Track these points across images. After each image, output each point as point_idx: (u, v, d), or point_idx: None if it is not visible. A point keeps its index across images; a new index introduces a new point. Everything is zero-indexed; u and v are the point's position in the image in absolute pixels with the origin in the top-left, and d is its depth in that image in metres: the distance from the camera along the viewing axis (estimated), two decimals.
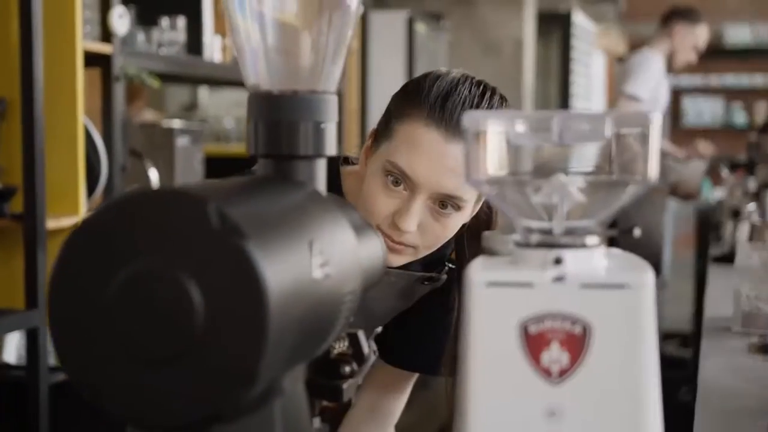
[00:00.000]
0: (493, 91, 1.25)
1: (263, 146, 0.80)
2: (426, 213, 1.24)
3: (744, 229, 2.88)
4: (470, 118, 0.70)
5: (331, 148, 0.81)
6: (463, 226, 1.30)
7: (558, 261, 0.68)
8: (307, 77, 0.82)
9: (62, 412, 2.40)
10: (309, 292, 0.66)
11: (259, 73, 0.81)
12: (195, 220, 0.60)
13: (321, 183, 0.81)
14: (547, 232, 0.70)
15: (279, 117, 0.79)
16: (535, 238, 0.70)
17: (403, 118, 1.24)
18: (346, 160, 1.42)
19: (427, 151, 1.20)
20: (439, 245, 1.28)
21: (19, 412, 2.33)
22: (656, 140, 0.68)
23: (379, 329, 1.49)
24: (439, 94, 1.22)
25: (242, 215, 0.61)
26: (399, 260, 1.27)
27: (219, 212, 0.60)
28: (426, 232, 1.25)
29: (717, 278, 2.65)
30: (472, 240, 1.34)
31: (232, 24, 0.82)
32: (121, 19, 2.56)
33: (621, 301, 0.66)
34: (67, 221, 2.39)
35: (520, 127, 0.70)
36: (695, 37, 4.45)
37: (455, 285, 1.39)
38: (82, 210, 2.44)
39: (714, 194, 7.46)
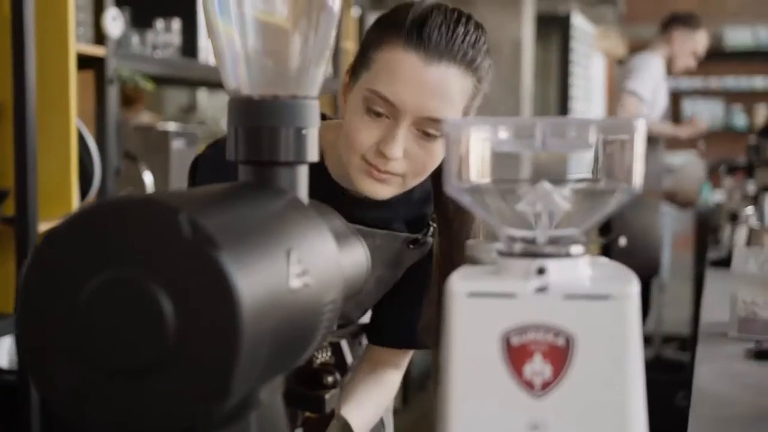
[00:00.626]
0: (469, 17, 1.26)
1: (243, 152, 0.79)
2: (411, 139, 1.23)
3: (742, 233, 2.86)
4: (451, 124, 0.68)
5: (313, 154, 0.80)
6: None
7: (541, 271, 0.67)
8: (288, 82, 0.80)
9: (54, 416, 2.38)
10: (285, 302, 0.64)
11: (239, 78, 0.80)
12: (167, 229, 0.58)
13: (303, 190, 0.79)
14: (531, 241, 0.69)
15: (259, 122, 0.78)
16: (518, 247, 0.69)
17: (381, 46, 1.23)
18: (323, 117, 1.42)
19: (407, 76, 1.20)
20: (426, 174, 1.27)
21: (11, 417, 2.31)
22: (641, 147, 0.66)
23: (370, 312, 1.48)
24: (416, 18, 1.22)
25: (216, 224, 0.60)
26: (387, 191, 1.26)
27: (191, 221, 0.59)
28: (412, 159, 1.23)
29: (714, 282, 2.64)
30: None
31: (212, 27, 0.80)
32: (114, 22, 2.54)
33: (605, 313, 0.65)
34: None
35: (503, 134, 0.68)
36: (694, 43, 4.44)
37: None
38: None
39: (713, 197, 7.44)
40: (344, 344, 1.52)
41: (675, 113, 10.01)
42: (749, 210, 3.01)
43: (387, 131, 1.22)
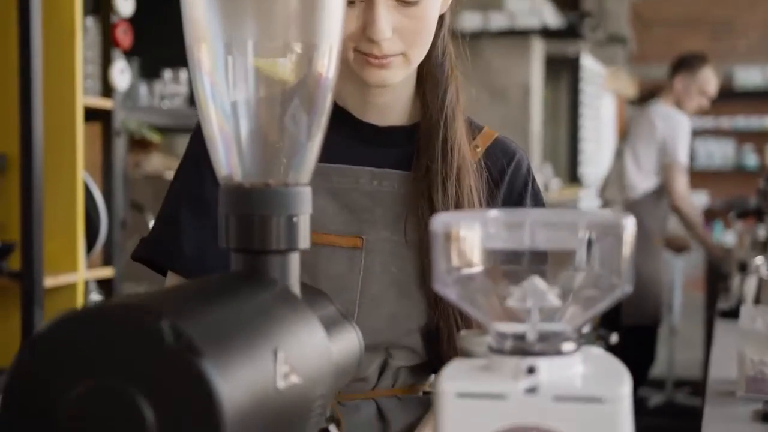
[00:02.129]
0: None
1: (234, 240, 0.78)
2: (394, 13, 1.14)
3: (751, 284, 2.84)
4: (439, 220, 0.68)
5: (305, 241, 0.80)
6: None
7: (531, 370, 0.66)
8: (280, 169, 0.80)
9: None
10: (272, 404, 0.63)
11: (231, 165, 0.80)
12: (149, 336, 0.58)
13: (294, 277, 0.79)
14: (521, 337, 0.68)
15: (251, 211, 0.77)
16: (508, 344, 0.68)
17: None
18: None
19: None
20: (425, 42, 1.18)
21: None
22: (630, 245, 0.66)
23: None
24: None
25: (199, 329, 0.59)
26: (394, 74, 1.18)
27: (174, 328, 0.58)
28: (403, 32, 1.15)
29: (723, 335, 2.62)
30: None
31: (203, 113, 0.80)
32: (122, 74, 2.56)
33: (596, 415, 0.64)
34: (66, 279, 2.37)
35: (492, 230, 0.68)
36: (699, 83, 4.43)
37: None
38: (81, 267, 2.42)
39: (725, 237, 7.40)
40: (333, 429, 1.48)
41: None
42: (759, 260, 2.98)
43: (367, 15, 1.14)
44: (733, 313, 2.87)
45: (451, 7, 1.27)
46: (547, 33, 5.38)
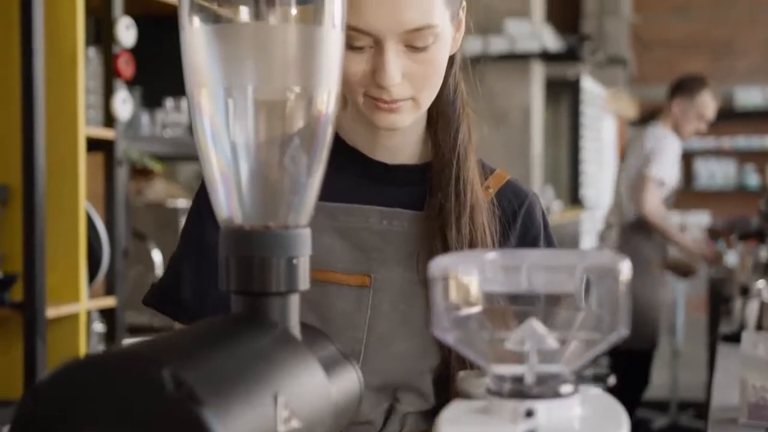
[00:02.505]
0: None
1: (235, 282, 0.79)
2: (404, 58, 1.13)
3: (753, 308, 2.84)
4: (437, 264, 0.69)
5: (304, 283, 0.80)
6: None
7: (530, 413, 0.66)
8: (280, 211, 0.80)
9: None
10: None
11: (231, 208, 0.80)
12: (150, 385, 0.58)
13: (294, 318, 0.79)
14: (519, 379, 0.69)
15: (251, 253, 0.78)
16: (506, 387, 0.68)
17: None
18: None
19: None
20: (434, 86, 1.17)
21: None
22: (626, 288, 0.66)
23: None
24: None
25: (199, 377, 0.60)
26: (403, 118, 1.17)
27: (174, 376, 0.59)
28: (412, 77, 1.14)
29: (726, 359, 2.61)
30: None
31: (203, 156, 0.81)
32: (124, 104, 2.57)
33: None
34: (68, 309, 2.38)
35: (489, 273, 0.68)
36: (696, 107, 4.44)
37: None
38: (83, 297, 2.43)
39: (727, 258, 7.36)
40: None
41: (687, 173, 10.02)
42: (760, 284, 2.98)
43: (376, 61, 1.13)
44: (735, 338, 2.87)
45: (460, 49, 1.26)
46: (547, 56, 5.41)
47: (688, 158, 10.01)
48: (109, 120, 2.59)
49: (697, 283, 6.32)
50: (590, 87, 7.42)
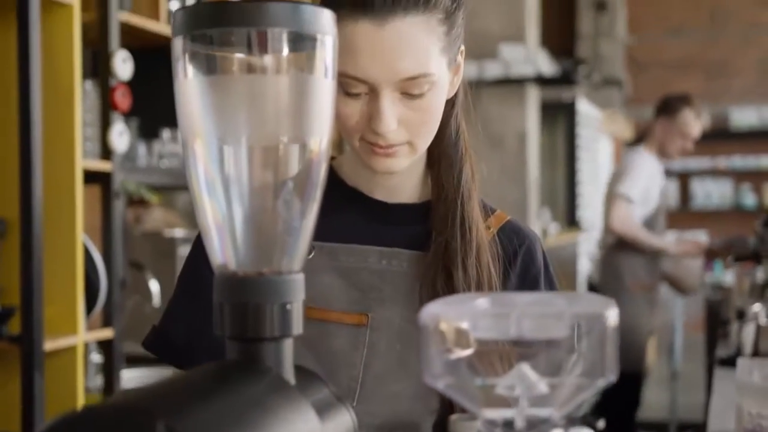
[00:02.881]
0: None
1: (229, 328, 0.80)
2: (399, 105, 1.14)
3: (749, 331, 2.84)
4: (428, 312, 0.70)
5: (298, 327, 0.81)
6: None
7: None
8: (273, 257, 0.82)
9: None
10: None
11: (225, 254, 0.82)
12: None
13: (287, 363, 0.80)
14: (509, 424, 0.70)
15: (245, 299, 0.79)
16: (497, 431, 0.69)
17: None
18: None
19: (365, 46, 1.11)
20: (431, 131, 1.18)
21: None
22: (613, 336, 0.67)
23: None
24: None
25: (193, 428, 0.61)
26: (399, 162, 1.18)
27: (168, 428, 0.60)
28: (408, 123, 1.15)
29: (722, 383, 2.62)
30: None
31: (197, 203, 0.82)
32: (121, 137, 2.59)
33: None
34: (66, 342, 2.38)
35: (480, 320, 0.69)
36: (678, 126, 4.44)
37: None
38: (81, 329, 2.44)
39: (725, 277, 7.37)
40: None
41: (684, 193, 10.05)
42: (756, 307, 2.99)
43: (372, 107, 1.14)
44: (732, 361, 2.87)
45: (464, 86, 1.26)
46: (541, 80, 5.44)
47: (684, 178, 10.04)
48: (106, 152, 2.60)
49: (694, 304, 6.33)
50: (586, 109, 7.46)
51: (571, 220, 7.30)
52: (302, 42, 0.78)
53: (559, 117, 7.06)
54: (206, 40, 0.78)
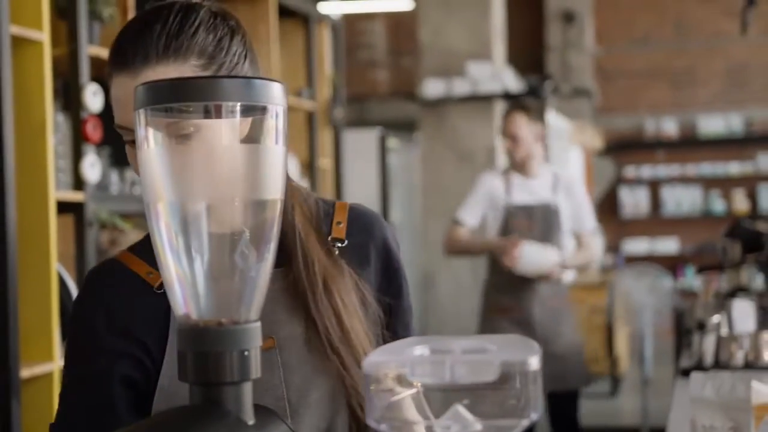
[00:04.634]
0: (165, 7, 1.19)
1: (192, 374, 0.87)
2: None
3: (710, 342, 2.91)
4: (369, 362, 0.77)
5: (256, 371, 0.88)
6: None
7: None
8: (231, 307, 0.89)
9: None
10: None
11: (187, 306, 0.88)
12: None
13: (247, 405, 0.87)
14: None
15: (206, 348, 0.86)
16: None
17: (109, 82, 1.21)
18: None
19: (123, 97, 1.16)
20: None
21: None
22: (536, 378, 0.75)
23: None
24: (114, 43, 1.19)
25: None
26: None
27: None
28: None
29: (682, 394, 2.69)
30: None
31: (161, 260, 0.89)
32: (92, 168, 2.65)
33: None
34: (42, 369, 2.44)
35: (418, 369, 0.77)
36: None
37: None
38: (56, 356, 2.49)
39: (695, 282, 7.45)
40: None
41: (654, 200, 10.19)
42: (716, 318, 3.07)
43: None
44: (693, 371, 2.95)
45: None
46: (509, 96, 5.54)
47: (654, 186, 10.18)
48: (79, 183, 2.66)
49: (665, 310, 6.42)
50: (555, 121, 7.56)
51: None
52: (254, 112, 0.85)
53: None
54: (166, 113, 0.85)
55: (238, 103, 0.85)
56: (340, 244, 1.30)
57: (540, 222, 4.10)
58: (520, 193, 4.12)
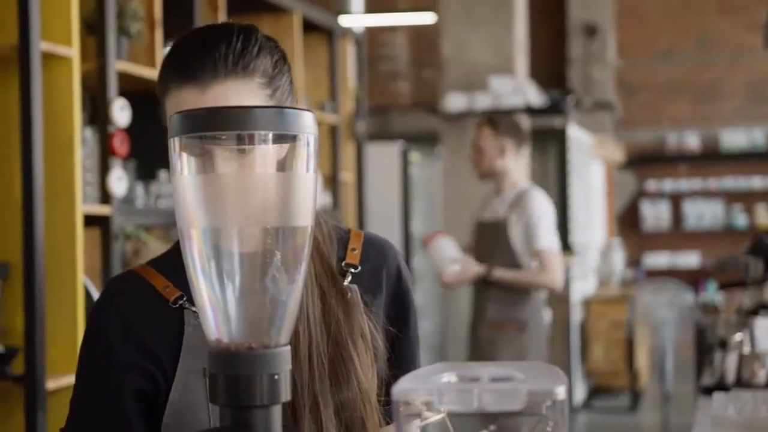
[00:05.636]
0: (226, 26, 1.22)
1: (223, 397, 0.88)
2: (234, 163, 1.13)
3: (732, 360, 2.90)
4: (398, 390, 0.78)
5: (285, 394, 0.90)
6: None
7: None
8: (262, 331, 0.90)
9: None
10: None
11: (219, 330, 0.90)
12: None
13: (276, 427, 0.89)
14: None
15: (237, 371, 0.88)
16: None
17: (166, 93, 1.21)
18: None
19: (187, 107, 1.17)
20: None
21: None
22: (563, 407, 0.76)
23: None
24: (177, 54, 1.21)
25: None
26: None
27: None
28: None
29: (704, 413, 2.68)
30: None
31: (194, 285, 0.91)
32: (119, 182, 2.68)
33: None
34: (68, 381, 2.46)
35: (445, 396, 0.78)
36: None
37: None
38: None
39: (717, 297, 7.41)
40: None
41: (676, 215, 10.15)
42: (738, 336, 3.06)
43: None
44: (715, 390, 2.94)
45: None
46: (531, 111, 5.54)
47: (676, 199, 10.14)
48: (105, 197, 2.69)
49: (686, 325, 6.39)
50: (576, 135, 7.56)
51: (564, 244, 7.38)
52: (285, 141, 0.87)
53: (550, 143, 7.15)
54: (200, 141, 0.87)
55: (271, 132, 0.87)
56: (353, 270, 1.31)
57: (488, 238, 4.02)
58: (485, 210, 4.12)
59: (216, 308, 0.90)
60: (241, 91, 1.20)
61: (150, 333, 1.26)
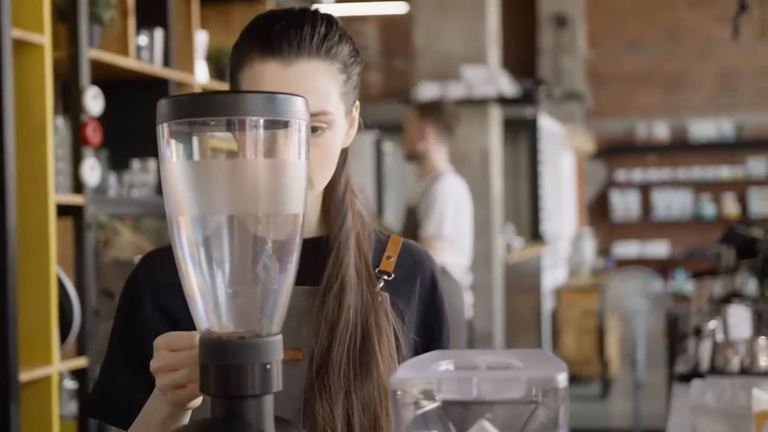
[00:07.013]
0: (309, 11, 1.25)
1: (214, 387, 0.87)
2: None
3: (706, 348, 2.92)
4: (396, 379, 0.77)
5: (277, 384, 0.88)
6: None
7: None
8: (253, 321, 0.89)
9: None
10: None
11: (209, 320, 0.89)
12: None
13: (268, 417, 0.87)
14: None
15: (228, 361, 0.86)
16: None
17: (242, 67, 1.23)
18: None
19: (272, 84, 1.19)
20: (330, 171, 1.25)
21: None
22: (564, 395, 0.75)
23: None
24: (262, 29, 1.22)
25: None
26: None
27: None
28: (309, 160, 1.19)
29: (681, 401, 2.70)
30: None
31: (183, 274, 0.89)
32: (92, 171, 2.64)
33: None
34: (41, 372, 2.43)
35: (444, 384, 0.77)
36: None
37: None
38: (55, 359, 2.49)
39: (686, 286, 7.45)
40: None
41: (645, 204, 10.21)
42: (712, 324, 3.08)
43: None
44: (689, 378, 2.95)
45: (351, 145, 1.33)
46: (503, 100, 5.54)
47: (645, 189, 10.20)
48: (78, 186, 2.65)
49: (657, 314, 6.43)
50: (547, 125, 7.58)
51: (535, 234, 7.41)
52: (276, 127, 0.86)
53: (522, 133, 7.17)
54: (188, 127, 0.85)
55: (261, 118, 0.85)
56: (386, 278, 1.30)
57: (406, 222, 4.09)
58: (410, 195, 4.16)
59: (206, 297, 0.88)
60: (323, 72, 1.22)
61: (179, 305, 1.24)
